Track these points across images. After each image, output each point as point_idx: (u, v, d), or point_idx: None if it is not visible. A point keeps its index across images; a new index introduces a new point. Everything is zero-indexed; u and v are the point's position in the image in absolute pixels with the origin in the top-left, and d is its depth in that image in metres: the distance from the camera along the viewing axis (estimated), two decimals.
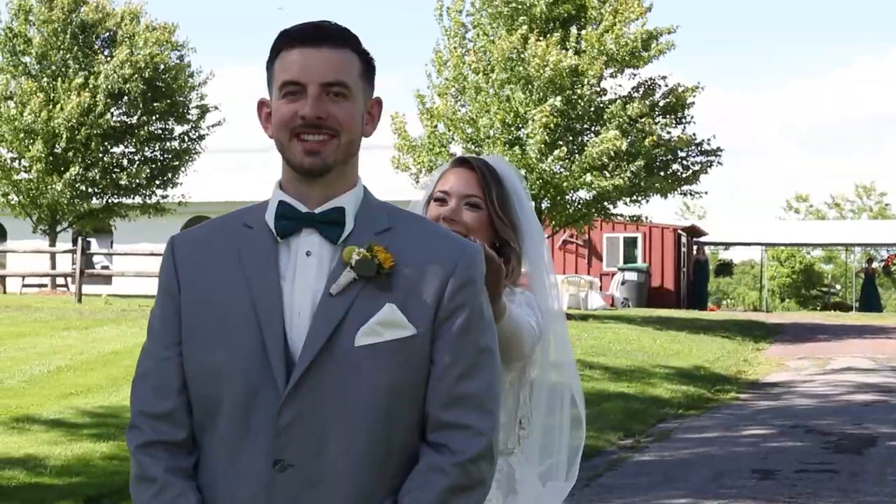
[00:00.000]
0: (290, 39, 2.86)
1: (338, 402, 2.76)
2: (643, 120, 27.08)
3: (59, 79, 34.35)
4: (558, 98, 26.38)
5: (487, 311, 2.90)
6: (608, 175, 26.63)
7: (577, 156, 27.05)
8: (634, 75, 28.56)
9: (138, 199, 36.22)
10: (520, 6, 27.43)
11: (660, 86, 28.61)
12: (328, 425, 2.77)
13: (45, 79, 34.47)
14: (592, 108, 27.22)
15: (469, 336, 2.83)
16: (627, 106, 27.07)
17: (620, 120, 26.77)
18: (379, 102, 2.96)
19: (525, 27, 27.01)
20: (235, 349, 2.79)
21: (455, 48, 27.76)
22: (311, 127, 2.82)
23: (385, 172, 29.73)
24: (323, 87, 2.82)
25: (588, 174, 26.40)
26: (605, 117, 27.07)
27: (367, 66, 2.91)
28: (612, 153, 26.31)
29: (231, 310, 2.82)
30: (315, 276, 2.82)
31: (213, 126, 37.43)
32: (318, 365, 2.76)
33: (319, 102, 2.81)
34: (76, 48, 34.64)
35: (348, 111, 2.85)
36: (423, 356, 2.81)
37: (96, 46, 35.30)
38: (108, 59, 34.73)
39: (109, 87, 34.05)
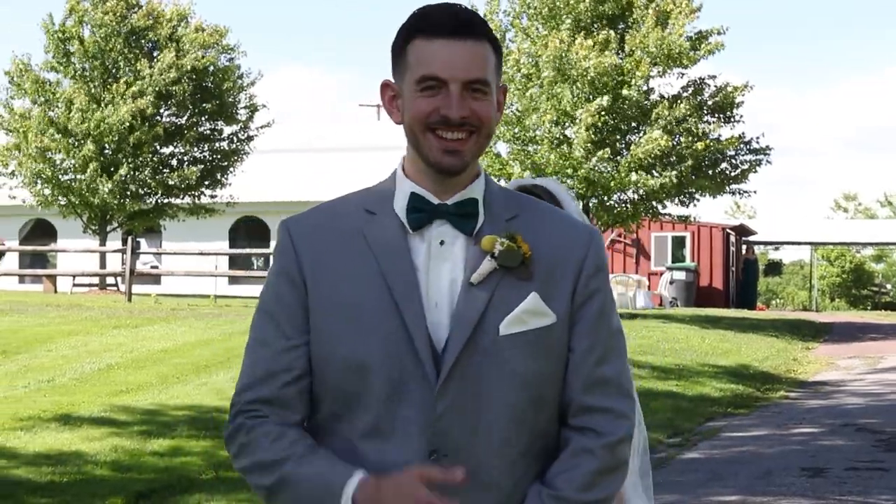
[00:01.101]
0: (429, 28, 2.75)
1: (486, 391, 2.76)
2: (690, 120, 26.96)
3: (109, 82, 34.59)
4: (605, 98, 26.32)
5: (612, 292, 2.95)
6: (655, 174, 26.56)
7: (623, 154, 27.01)
8: (683, 74, 28.41)
9: (187, 200, 36.37)
10: (562, 6, 27.34)
11: (708, 85, 28.46)
12: (478, 415, 2.75)
13: (95, 81, 34.71)
14: (639, 108, 27.11)
15: (604, 320, 2.86)
16: (674, 106, 26.95)
17: (666, 120, 26.67)
18: (505, 90, 2.90)
19: (569, 22, 26.97)
20: (379, 341, 2.75)
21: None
22: (454, 125, 2.75)
23: None
24: (465, 85, 2.74)
25: (634, 173, 26.32)
26: (651, 117, 26.97)
27: (499, 56, 2.85)
28: (657, 152, 26.24)
29: (369, 302, 2.76)
30: (451, 267, 2.79)
31: (262, 127, 37.55)
32: (465, 355, 2.74)
33: (463, 101, 2.74)
34: (128, 50, 34.86)
35: (488, 107, 2.78)
36: (562, 343, 2.81)
37: (146, 50, 35.50)
38: (157, 62, 34.88)
39: (157, 89, 34.27)
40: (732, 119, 28.42)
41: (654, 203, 27.95)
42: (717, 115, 28.20)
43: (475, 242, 2.79)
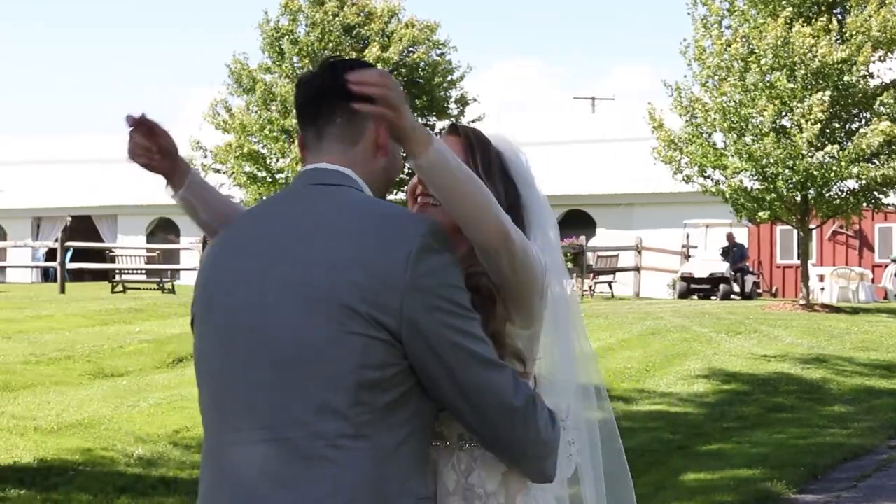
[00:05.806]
0: None
1: None
2: None
3: None
4: (828, 92, 25.54)
5: None
6: (878, 164, 25.70)
7: (845, 145, 26.18)
8: None
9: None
10: None
11: None
12: None
13: None
14: (861, 96, 26.23)
15: None
16: None
17: (891, 108, 25.72)
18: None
19: (789, 11, 26.27)
20: None
21: (718, 37, 27.12)
22: None
23: (642, 164, 29.43)
24: None
25: (855, 166, 25.47)
26: (875, 106, 26.06)
27: None
28: (882, 143, 25.40)
29: None
30: None
31: (473, 121, 37.67)
32: None
33: None
34: (341, 49, 35.36)
35: None
36: None
37: (360, 47, 35.95)
38: (364, 57, 35.26)
39: None
40: None
41: (875, 193, 26.99)
42: None
43: None
